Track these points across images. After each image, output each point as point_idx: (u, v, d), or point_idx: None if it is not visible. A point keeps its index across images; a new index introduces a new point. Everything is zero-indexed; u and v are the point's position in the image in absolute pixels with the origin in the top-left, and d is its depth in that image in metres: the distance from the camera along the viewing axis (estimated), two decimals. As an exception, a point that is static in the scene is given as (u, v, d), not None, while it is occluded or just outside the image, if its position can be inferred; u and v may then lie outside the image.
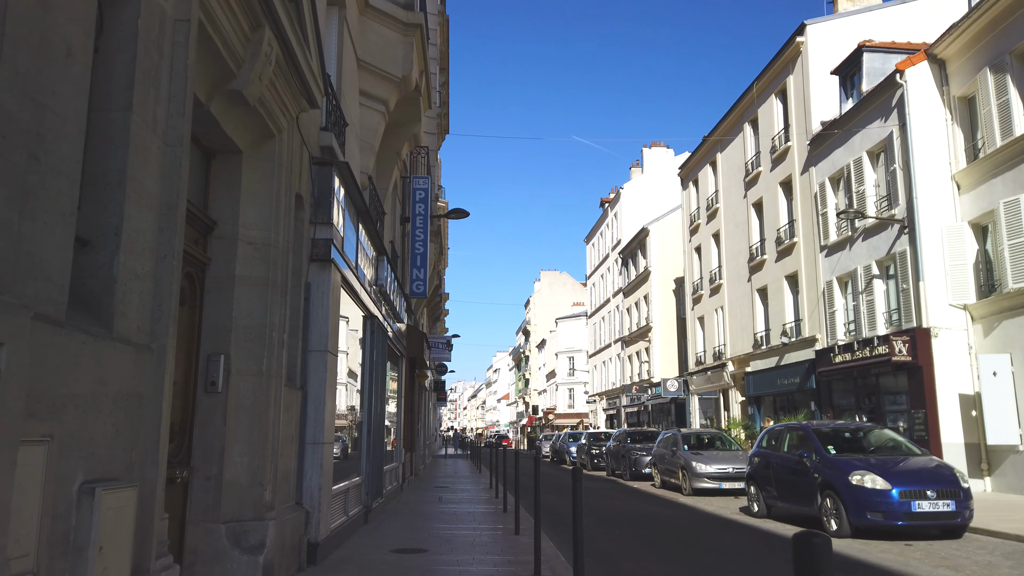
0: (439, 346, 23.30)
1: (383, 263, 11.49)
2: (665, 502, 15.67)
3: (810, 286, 22.89)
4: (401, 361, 16.74)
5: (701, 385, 32.15)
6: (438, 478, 21.79)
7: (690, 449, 18.20)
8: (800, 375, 22.80)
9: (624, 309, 46.94)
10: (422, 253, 17.21)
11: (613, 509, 14.04)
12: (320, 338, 7.60)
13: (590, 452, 28.90)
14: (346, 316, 10.01)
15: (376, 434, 11.57)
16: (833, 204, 21.90)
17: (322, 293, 7.67)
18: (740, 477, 16.72)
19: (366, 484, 10.71)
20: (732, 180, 29.41)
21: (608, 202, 52.97)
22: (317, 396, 7.48)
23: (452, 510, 12.68)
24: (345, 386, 9.86)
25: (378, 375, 11.73)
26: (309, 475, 7.33)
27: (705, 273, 32.21)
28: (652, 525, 11.64)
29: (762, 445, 12.95)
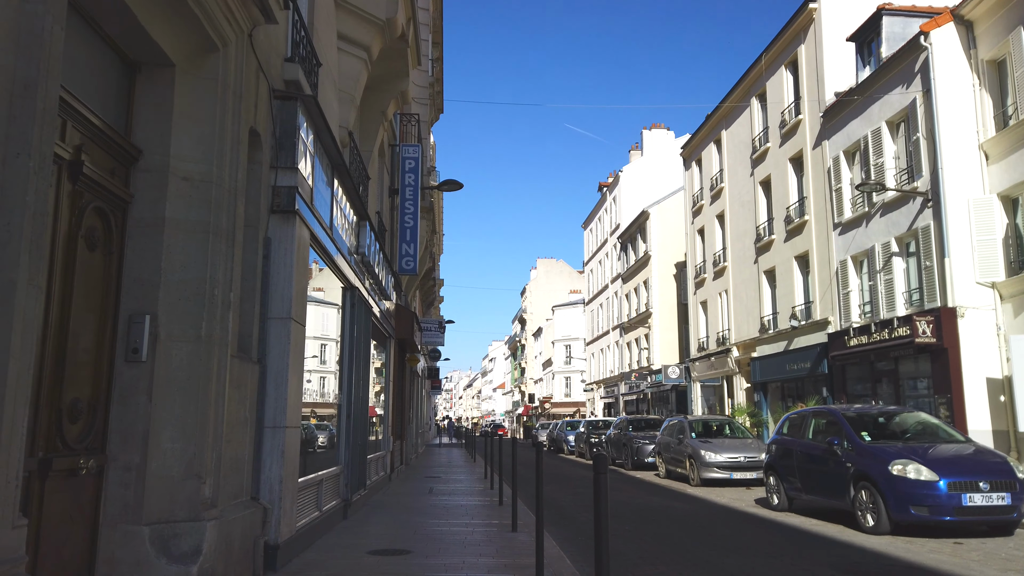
0: (431, 329, 22.16)
1: (366, 230, 10.30)
2: (673, 494, 14.57)
3: (822, 266, 21.76)
4: (389, 343, 15.57)
5: (704, 372, 31.08)
6: (430, 467, 20.68)
7: (698, 437, 17.10)
8: (811, 360, 21.70)
9: (623, 295, 45.82)
10: (412, 227, 16.00)
11: (619, 501, 12.94)
12: (282, 303, 6.41)
13: (589, 441, 27.82)
14: (320, 287, 8.82)
15: (358, 420, 10.41)
16: (848, 179, 20.74)
17: (285, 250, 6.47)
18: (752, 467, 15.66)
19: (346, 475, 9.56)
20: (738, 158, 28.22)
21: (606, 186, 51.75)
22: (278, 372, 6.31)
23: (443, 503, 11.56)
24: (318, 364, 8.69)
25: (360, 354, 10.56)
26: (268, 465, 6.16)
27: (708, 256, 31.07)
28: (663, 520, 10.52)
29: (782, 432, 11.84)
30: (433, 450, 35.04)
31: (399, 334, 16.25)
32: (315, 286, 9.36)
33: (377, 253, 11.64)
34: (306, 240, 6.96)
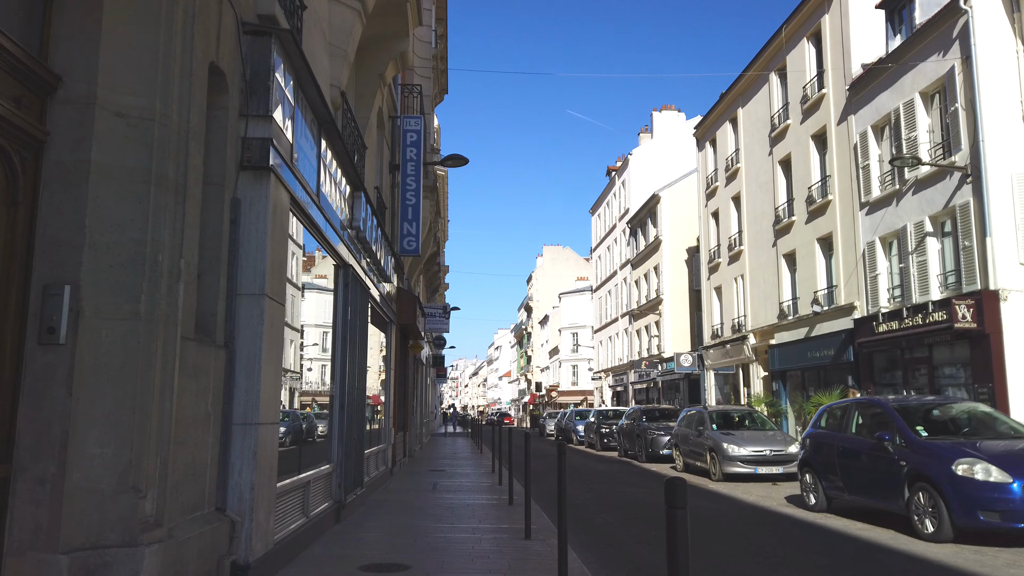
0: (435, 315, 21.14)
1: (361, 203, 9.27)
2: (694, 490, 13.56)
3: (847, 248, 20.62)
4: (390, 328, 14.57)
5: (718, 360, 30.02)
6: (435, 459, 19.75)
7: (719, 429, 16.07)
8: (835, 347, 20.62)
9: (632, 282, 44.71)
10: (414, 205, 14.96)
11: (637, 500, 11.94)
12: (254, 277, 5.38)
13: (599, 431, 26.85)
14: (323, 274, 7.80)
15: (354, 412, 9.41)
16: (876, 155, 19.56)
17: (257, 214, 5.44)
18: (779, 461, 14.65)
19: (338, 474, 8.57)
20: (755, 137, 27.02)
21: (615, 170, 50.53)
22: (250, 358, 5.29)
23: (447, 502, 10.58)
24: (319, 352, 7.69)
25: (356, 340, 9.55)
26: (237, 469, 5.16)
27: (723, 239, 29.93)
28: (692, 522, 9.50)
29: (819, 425, 10.79)
30: (438, 440, 34.16)
31: (401, 319, 15.24)
32: (317, 273, 8.34)
33: (374, 228, 10.61)
34: (284, 204, 5.92)
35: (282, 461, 6.40)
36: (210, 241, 5.11)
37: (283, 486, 6.15)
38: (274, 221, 5.60)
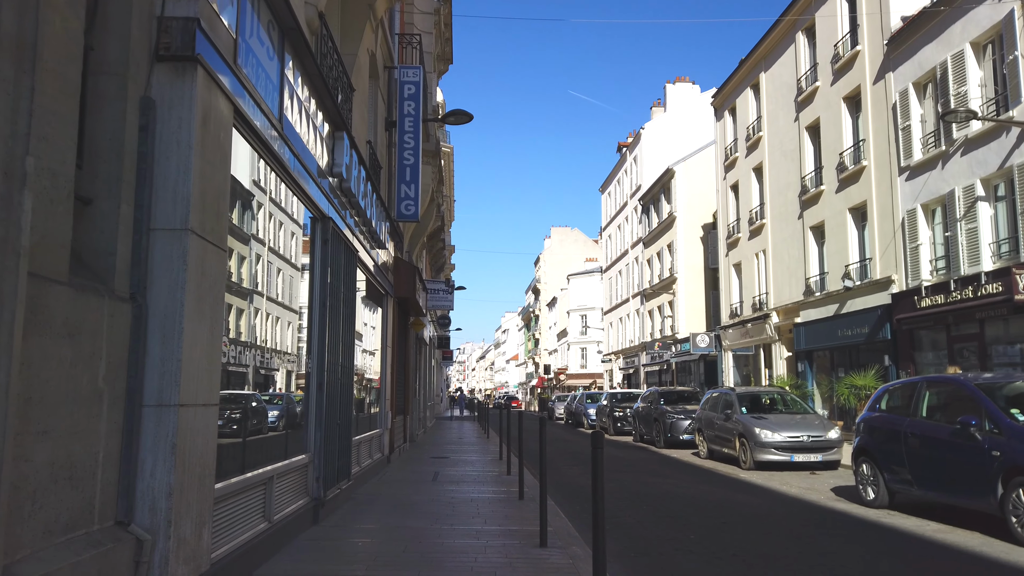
0: (439, 291, 19.70)
1: (344, 148, 7.80)
2: (727, 481, 12.16)
3: (884, 218, 19.04)
4: (387, 301, 13.16)
5: (736, 340, 28.54)
6: (439, 445, 18.42)
7: (749, 412, 14.63)
8: (869, 324, 19.11)
9: (644, 260, 43.17)
10: (413, 165, 13.49)
11: (667, 493, 10.53)
12: (175, 206, 3.95)
13: (612, 415, 25.48)
14: (278, 205, 6.36)
15: (338, 393, 8.03)
16: (918, 115, 17.93)
17: (179, 121, 3.99)
18: (818, 448, 13.23)
19: (317, 465, 7.18)
20: (779, 103, 25.34)
21: (626, 146, 48.80)
22: (168, 315, 3.87)
23: (449, 495, 9.20)
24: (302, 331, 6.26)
25: (338, 309, 8.13)
26: (148, 468, 3.76)
27: (743, 213, 28.33)
28: (735, 522, 8.10)
29: (879, 408, 9.33)
30: (444, 424, 32.88)
31: (399, 292, 13.83)
32: (265, 198, 6.90)
33: (363, 181, 9.14)
34: (223, 115, 4.46)
35: (247, 451, 5.01)
36: (107, 153, 3.68)
37: (228, 487, 4.75)
38: (205, 133, 4.15)
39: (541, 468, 6.49)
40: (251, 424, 5.53)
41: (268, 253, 6.08)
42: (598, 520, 3.80)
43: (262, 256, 5.95)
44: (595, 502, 3.84)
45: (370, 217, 9.79)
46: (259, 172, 5.71)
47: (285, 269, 6.64)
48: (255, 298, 5.72)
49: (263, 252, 5.97)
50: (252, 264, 5.66)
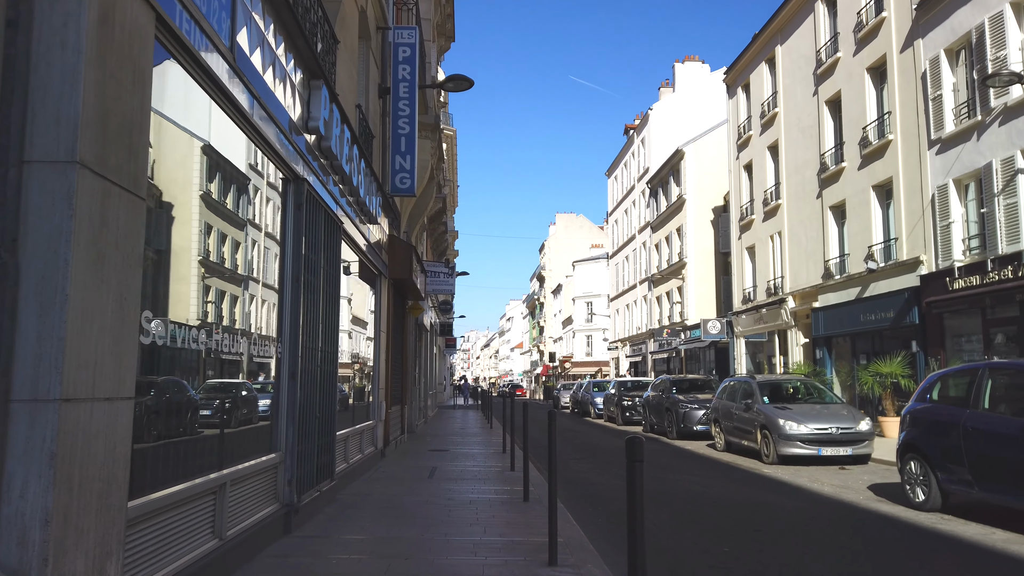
0: (439, 274, 18.66)
1: (322, 98, 6.76)
2: (749, 477, 11.16)
3: (911, 195, 17.91)
4: (380, 282, 12.14)
5: (749, 326, 27.48)
6: (439, 436, 17.46)
7: (772, 402, 13.61)
8: (895, 308, 18.02)
9: (652, 245, 42.06)
10: (408, 135, 12.43)
11: (686, 491, 9.52)
12: (58, 131, 2.92)
13: (620, 404, 24.48)
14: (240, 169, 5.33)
15: (317, 383, 7.03)
16: (950, 84, 16.75)
17: (65, 18, 2.96)
18: (848, 440, 12.21)
19: (288, 467, 6.19)
20: (797, 76, 24.13)
21: (633, 128, 47.54)
22: (48, 278, 2.85)
23: (446, 495, 8.22)
24: (230, 296, 5.25)
25: (316, 286, 7.12)
26: (17, 485, 2.75)
27: (757, 194, 27.18)
28: (772, 529, 7.10)
29: (930, 397, 8.29)
30: (446, 413, 31.96)
31: (394, 273, 12.80)
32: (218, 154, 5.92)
33: (348, 144, 8.09)
34: (139, 22, 3.41)
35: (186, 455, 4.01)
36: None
37: (150, 504, 3.73)
38: (106, 38, 3.11)
39: (551, 473, 5.49)
40: (193, 420, 4.52)
41: (218, 217, 5.06)
42: (636, 556, 2.77)
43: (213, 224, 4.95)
44: (631, 535, 2.82)
45: (357, 185, 8.75)
46: (210, 117, 4.68)
47: (237, 235, 5.62)
48: (201, 267, 4.70)
49: (212, 217, 4.96)
50: (201, 229, 4.64)
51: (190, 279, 4.50)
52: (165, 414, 4.10)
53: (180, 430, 4.33)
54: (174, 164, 4.27)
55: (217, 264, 4.99)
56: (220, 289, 4.99)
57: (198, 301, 4.62)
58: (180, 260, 4.33)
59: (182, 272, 4.37)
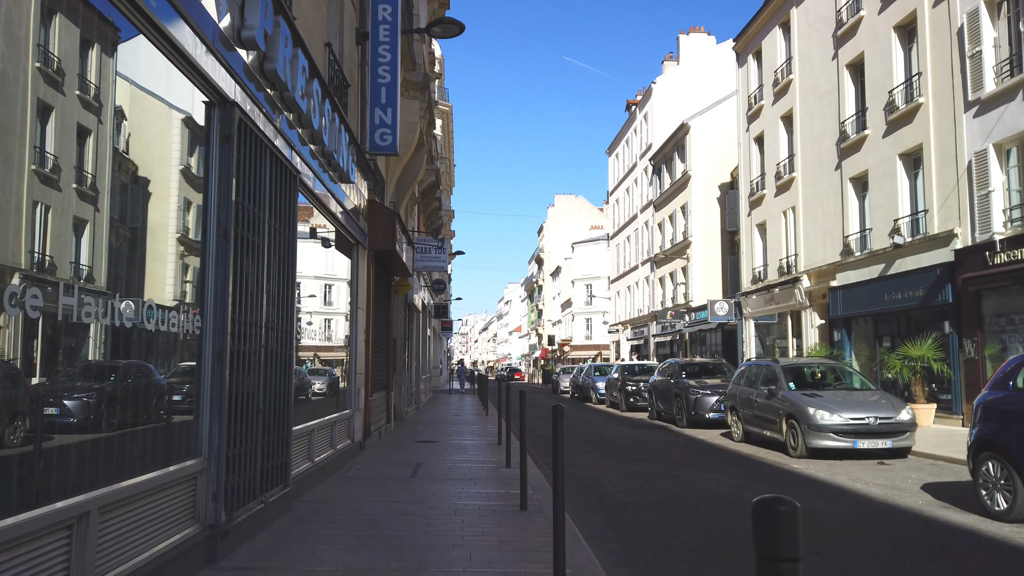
0: (429, 249, 17.18)
1: (260, 5, 5.26)
2: (779, 475, 9.78)
3: (944, 162, 16.42)
4: (357, 252, 10.66)
5: (759, 307, 26.07)
6: (430, 424, 16.08)
7: (798, 388, 12.22)
8: (924, 286, 16.59)
9: (655, 225, 40.54)
10: (389, 84, 10.91)
11: (712, 494, 8.11)
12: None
13: (624, 389, 23.11)
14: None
15: (260, 367, 5.60)
16: (991, 39, 15.21)
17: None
18: (886, 432, 10.83)
19: (213, 476, 4.75)
20: (814, 40, 22.53)
21: (636, 104, 45.83)
22: None
23: (427, 502, 6.81)
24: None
25: (261, 248, 5.66)
26: None
27: (769, 167, 25.65)
28: (830, 547, 5.69)
29: (1013, 386, 6.87)
30: (441, 398, 30.60)
31: (375, 243, 11.33)
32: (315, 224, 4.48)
33: (306, 77, 6.58)
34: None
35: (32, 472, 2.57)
36: None
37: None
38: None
39: (555, 476, 4.06)
40: (38, 421, 3.08)
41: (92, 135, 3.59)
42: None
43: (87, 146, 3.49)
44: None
45: (320, 130, 7.25)
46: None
47: (125, 164, 4.16)
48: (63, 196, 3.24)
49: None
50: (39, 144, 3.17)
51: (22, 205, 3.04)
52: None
53: (12, 438, 2.90)
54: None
55: (90, 192, 3.53)
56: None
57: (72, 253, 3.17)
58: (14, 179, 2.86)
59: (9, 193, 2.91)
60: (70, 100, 3.42)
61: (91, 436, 3.54)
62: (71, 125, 3.43)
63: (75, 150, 3.47)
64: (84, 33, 3.50)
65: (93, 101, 3.63)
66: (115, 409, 3.76)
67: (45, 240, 3.20)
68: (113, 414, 3.73)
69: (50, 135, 3.26)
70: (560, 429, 4.02)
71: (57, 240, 3.29)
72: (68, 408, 3.39)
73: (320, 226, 8.79)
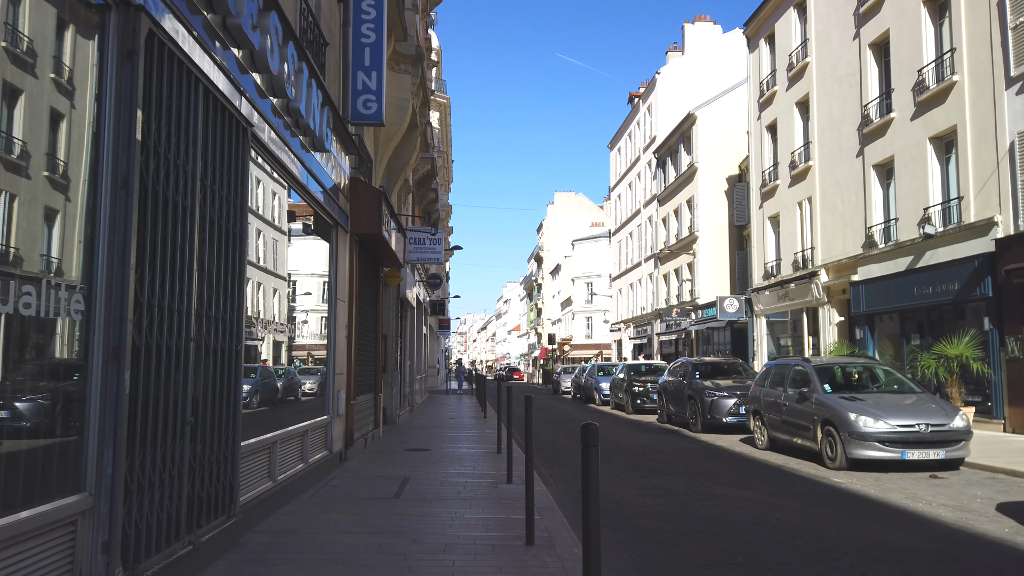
0: (423, 240, 15.84)
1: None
2: (823, 491, 8.47)
3: (982, 145, 15.13)
4: (337, 236, 9.34)
5: (772, 304, 24.77)
6: (423, 429, 14.76)
7: (834, 391, 10.91)
8: (960, 279, 15.30)
9: (659, 220, 39.24)
10: (373, 44, 9.60)
11: (753, 517, 6.79)
12: None
13: (631, 390, 21.78)
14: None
15: (188, 364, 4.30)
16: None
17: None
18: (939, 441, 9.55)
19: (103, 518, 3.43)
20: (832, 19, 21.23)
21: (639, 96, 44.52)
22: None
23: (412, 534, 5.50)
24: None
25: (191, 212, 4.35)
26: None
27: (783, 156, 24.34)
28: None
29: None
30: (438, 399, 29.27)
31: (358, 226, 10.01)
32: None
33: (264, 12, 5.28)
34: None
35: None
36: None
37: None
38: None
39: (587, 518, 2.86)
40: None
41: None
42: None
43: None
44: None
45: (280, 76, 5.93)
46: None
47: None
48: None
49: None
50: None
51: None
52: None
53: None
54: None
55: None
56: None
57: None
58: None
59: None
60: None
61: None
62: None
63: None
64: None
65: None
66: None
67: None
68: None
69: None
70: (594, 464, 2.71)
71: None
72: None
73: (301, 211, 7.48)
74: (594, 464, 2.66)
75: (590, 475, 2.66)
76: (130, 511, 3.59)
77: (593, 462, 2.66)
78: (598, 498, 2.65)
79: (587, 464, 2.66)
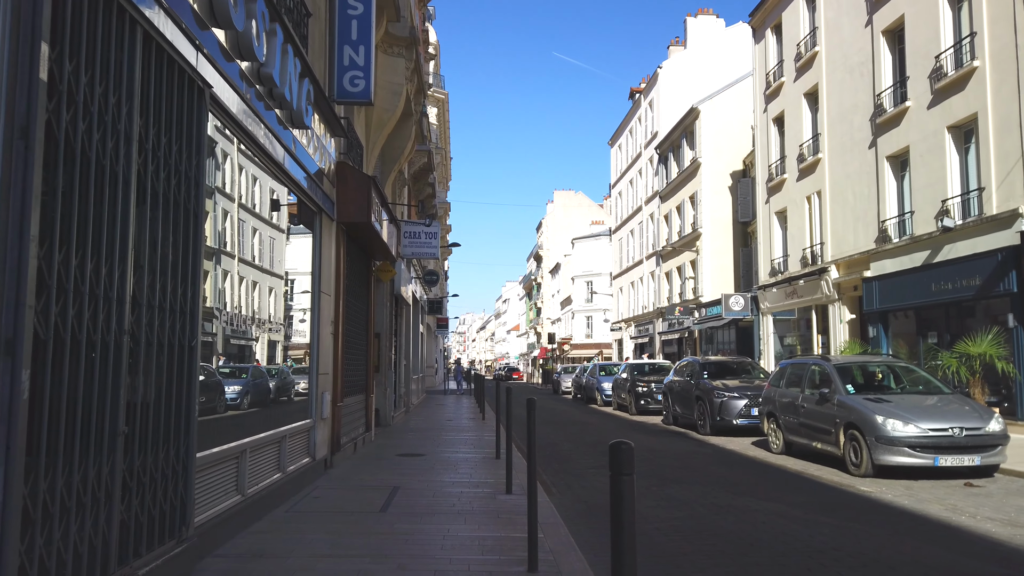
0: (418, 234, 15.07)
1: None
2: (853, 502, 7.74)
3: (1004, 133, 14.40)
4: (321, 223, 8.60)
5: (779, 301, 24.05)
6: (418, 431, 14.02)
7: (857, 392, 10.18)
8: (982, 274, 14.57)
9: (661, 217, 38.50)
10: (361, 17, 8.86)
11: (782, 533, 6.04)
12: None
13: (634, 390, 21.05)
14: None
15: (117, 361, 3.55)
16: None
17: None
18: (974, 446, 8.83)
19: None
20: (843, 6, 20.50)
21: (640, 91, 43.78)
22: None
23: (397, 559, 4.76)
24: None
25: (126, 173, 3.61)
26: None
27: (791, 149, 23.61)
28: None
29: None
30: (436, 399, 28.52)
31: (345, 214, 9.27)
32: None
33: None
34: None
35: None
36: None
37: None
38: None
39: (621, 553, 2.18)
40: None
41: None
42: None
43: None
44: None
45: (246, 34, 5.19)
46: None
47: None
48: None
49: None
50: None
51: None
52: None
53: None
54: None
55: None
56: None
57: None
58: None
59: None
60: None
61: None
62: None
63: None
64: None
65: None
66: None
67: None
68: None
69: None
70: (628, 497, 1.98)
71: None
72: None
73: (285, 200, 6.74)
74: (628, 497, 1.93)
75: (623, 510, 1.93)
76: (32, 546, 2.85)
77: (628, 494, 1.93)
78: (634, 545, 1.91)
79: (618, 497, 1.93)
